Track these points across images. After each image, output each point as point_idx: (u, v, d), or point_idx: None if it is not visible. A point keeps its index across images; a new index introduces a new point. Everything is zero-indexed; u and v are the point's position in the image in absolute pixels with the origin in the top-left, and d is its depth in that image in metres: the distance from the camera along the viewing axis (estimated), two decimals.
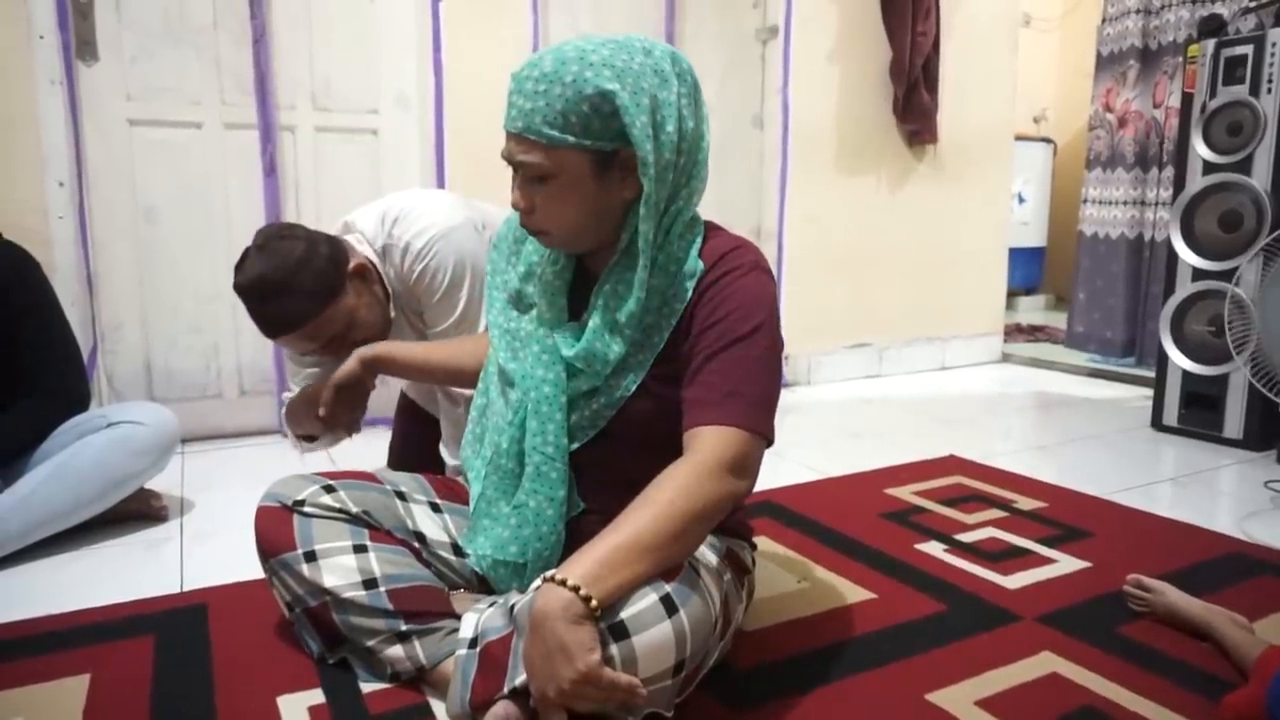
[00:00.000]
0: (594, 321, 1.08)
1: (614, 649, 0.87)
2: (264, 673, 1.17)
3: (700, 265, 1.07)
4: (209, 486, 2.01)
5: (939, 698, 1.12)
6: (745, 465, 0.99)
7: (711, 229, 1.13)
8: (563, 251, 1.13)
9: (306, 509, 1.17)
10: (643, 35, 1.05)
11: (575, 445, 1.11)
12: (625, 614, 0.88)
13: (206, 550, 1.64)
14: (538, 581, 0.90)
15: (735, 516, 1.23)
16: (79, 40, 2.21)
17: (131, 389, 2.36)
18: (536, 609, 0.86)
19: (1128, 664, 1.20)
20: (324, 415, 1.38)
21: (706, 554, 1.07)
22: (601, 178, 1.02)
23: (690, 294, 1.06)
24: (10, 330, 1.63)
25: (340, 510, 1.18)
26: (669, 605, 0.90)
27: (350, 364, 1.34)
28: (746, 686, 1.14)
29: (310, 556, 1.14)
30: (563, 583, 0.86)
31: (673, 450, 1.00)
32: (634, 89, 0.98)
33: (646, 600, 0.89)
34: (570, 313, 1.14)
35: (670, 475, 0.96)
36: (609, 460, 1.11)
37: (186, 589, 1.47)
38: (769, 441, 1.04)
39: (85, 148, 2.24)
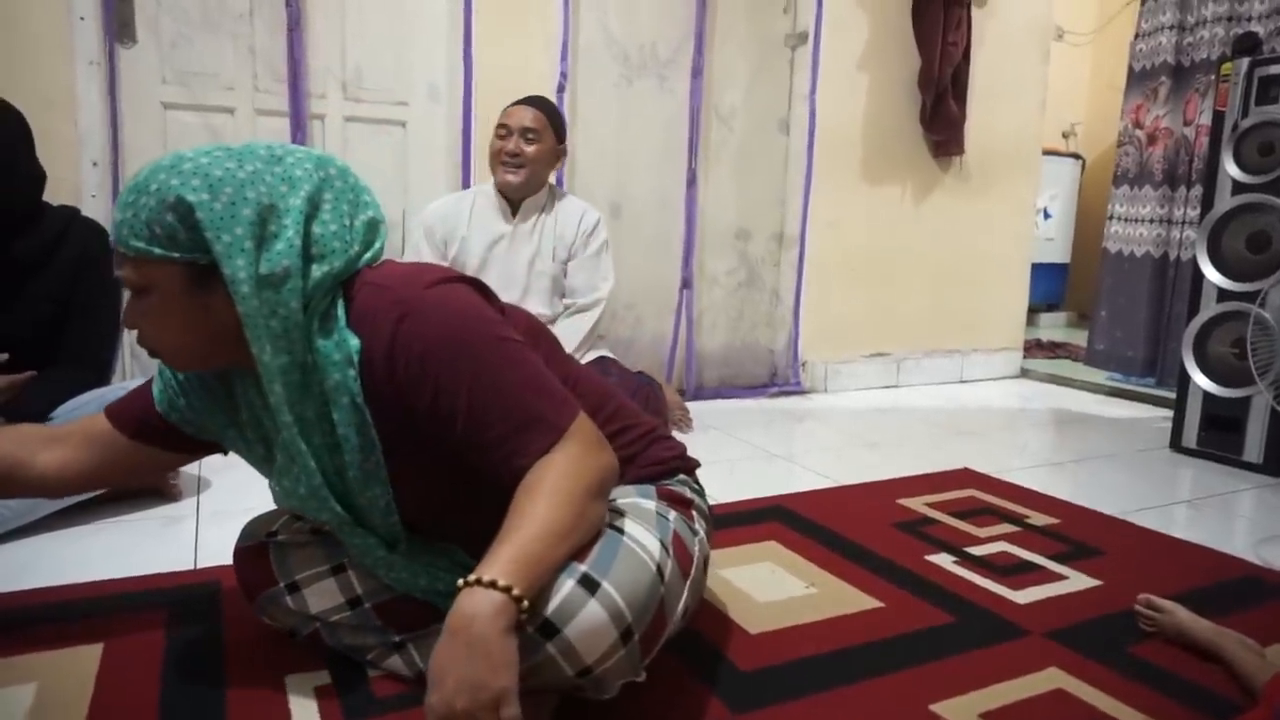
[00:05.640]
0: (279, 457, 0.99)
1: (549, 648, 0.85)
2: (273, 652, 1.18)
3: (354, 344, 0.94)
4: (226, 467, 2.01)
5: (943, 708, 1.11)
6: (597, 441, 0.95)
7: (349, 288, 0.98)
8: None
9: (280, 538, 1.17)
10: (287, 144, 0.99)
11: (397, 550, 1.06)
12: (549, 611, 0.85)
13: (222, 530, 1.66)
14: (461, 581, 0.83)
15: (649, 456, 1.14)
16: (119, 22, 2.24)
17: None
18: (461, 612, 0.79)
19: (1135, 683, 1.19)
20: None
21: (636, 503, 1.03)
22: (199, 293, 0.92)
23: (358, 382, 0.94)
24: (79, 296, 1.74)
25: (314, 532, 1.17)
26: (589, 584, 0.86)
27: None
28: (751, 688, 1.15)
29: (292, 588, 1.14)
30: (492, 584, 0.80)
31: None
32: (230, 199, 0.89)
33: (565, 588, 0.85)
34: None
35: (543, 470, 0.90)
36: (455, 529, 1.07)
37: (200, 567, 1.49)
38: (574, 413, 0.96)
39: (121, 129, 2.27)
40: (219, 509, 1.78)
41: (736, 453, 2.38)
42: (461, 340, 0.92)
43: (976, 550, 1.67)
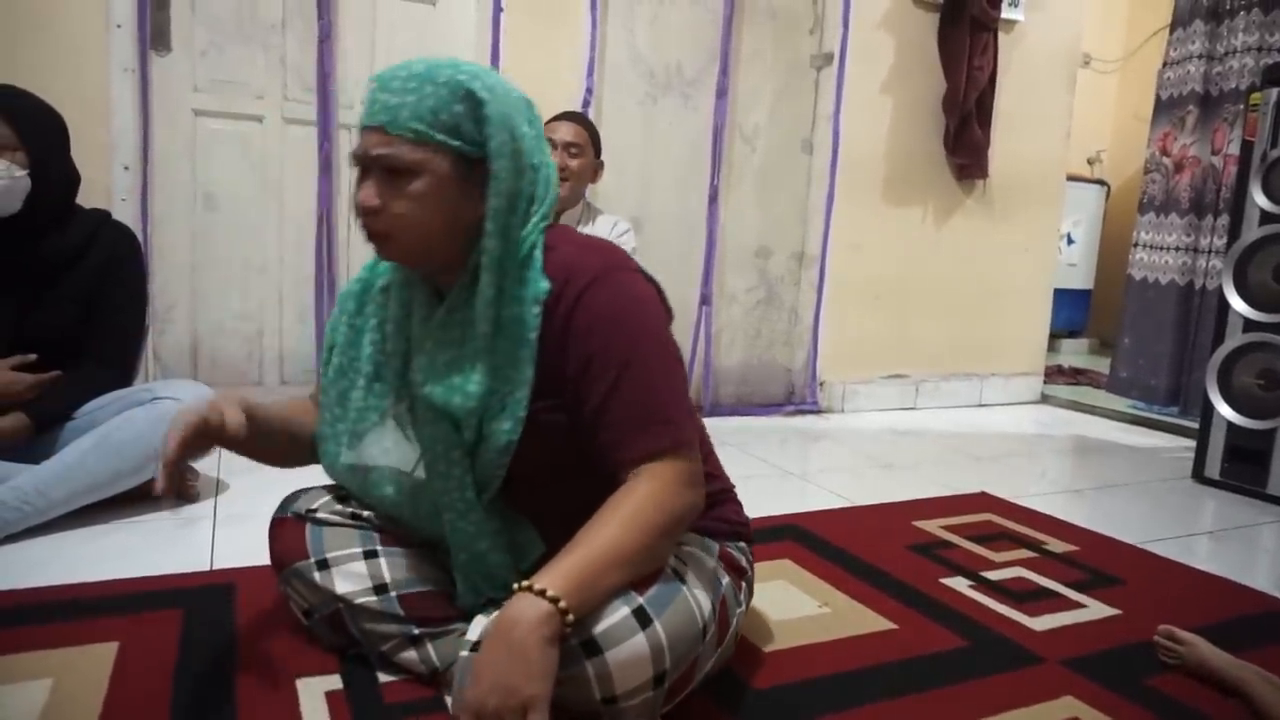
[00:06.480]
0: (448, 355, 1.02)
1: (587, 666, 0.86)
2: (285, 655, 1.19)
3: (544, 286, 0.99)
4: (244, 471, 2.03)
5: None
6: (694, 478, 0.98)
7: (552, 237, 1.05)
8: (408, 289, 1.07)
9: (319, 516, 1.19)
10: None
11: (484, 497, 1.06)
12: (597, 630, 0.86)
13: (238, 533, 1.67)
14: (516, 585, 0.86)
15: (722, 514, 1.18)
16: (154, 31, 2.29)
17: (177, 369, 2.43)
18: (509, 615, 0.82)
19: (1152, 715, 1.17)
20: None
21: (701, 558, 1.05)
22: (464, 184, 0.98)
23: (538, 320, 0.99)
24: (105, 297, 1.75)
25: (353, 516, 1.19)
26: (642, 618, 0.89)
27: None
28: (762, 706, 1.14)
29: (322, 565, 1.15)
30: (541, 593, 0.83)
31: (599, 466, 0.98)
32: (502, 107, 0.98)
33: (618, 614, 0.88)
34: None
35: (631, 492, 0.93)
36: (548, 500, 1.07)
37: (216, 568, 1.50)
38: (695, 441, 1.01)
39: (152, 134, 2.31)
40: (235, 512, 1.79)
41: (752, 470, 2.38)
42: (633, 326, 0.98)
43: (993, 575, 1.65)
